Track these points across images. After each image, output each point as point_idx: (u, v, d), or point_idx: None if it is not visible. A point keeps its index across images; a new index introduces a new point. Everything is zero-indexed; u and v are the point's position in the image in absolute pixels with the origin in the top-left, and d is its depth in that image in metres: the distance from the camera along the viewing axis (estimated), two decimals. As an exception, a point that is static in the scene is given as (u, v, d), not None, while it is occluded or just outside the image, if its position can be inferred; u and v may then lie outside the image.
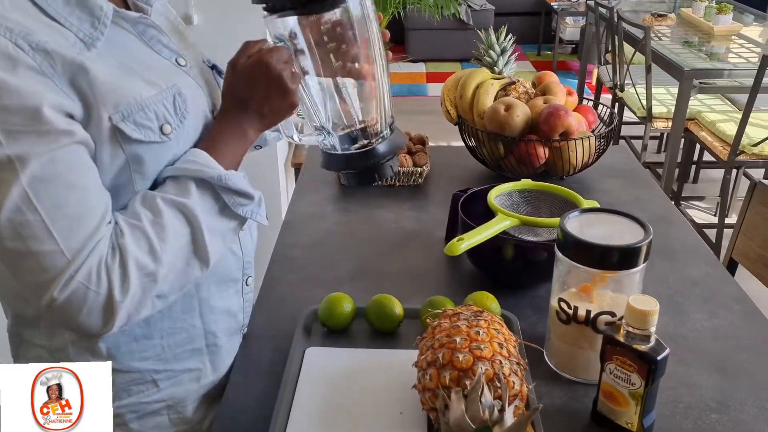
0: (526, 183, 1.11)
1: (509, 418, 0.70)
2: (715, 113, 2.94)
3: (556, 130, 1.26)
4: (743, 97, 2.67)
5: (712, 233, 2.79)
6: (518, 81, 1.41)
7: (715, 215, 3.14)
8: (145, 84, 0.77)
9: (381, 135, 0.89)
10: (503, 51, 1.47)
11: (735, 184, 2.97)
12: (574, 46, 5.64)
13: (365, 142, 0.89)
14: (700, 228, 2.88)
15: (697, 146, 3.19)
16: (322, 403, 0.82)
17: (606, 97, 3.80)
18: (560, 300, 0.84)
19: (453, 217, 1.16)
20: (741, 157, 2.66)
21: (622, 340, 0.74)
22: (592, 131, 1.39)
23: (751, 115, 2.69)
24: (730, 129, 2.68)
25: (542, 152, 1.29)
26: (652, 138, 3.69)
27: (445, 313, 0.81)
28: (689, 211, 3.14)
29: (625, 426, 0.77)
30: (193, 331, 0.88)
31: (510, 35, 1.49)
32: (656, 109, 3.04)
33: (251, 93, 0.81)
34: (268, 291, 1.06)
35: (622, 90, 3.31)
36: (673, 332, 0.95)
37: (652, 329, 0.73)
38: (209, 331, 0.90)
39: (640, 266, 0.80)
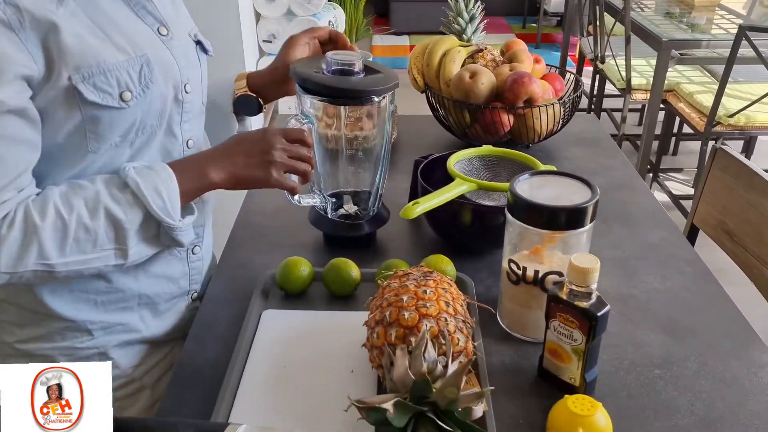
0: (486, 149, 1.11)
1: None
2: (694, 85, 2.95)
3: (520, 97, 1.27)
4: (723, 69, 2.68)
5: (688, 204, 2.81)
6: (486, 49, 1.41)
7: (693, 187, 3.17)
8: (114, 49, 0.78)
9: (369, 210, 1.06)
10: (472, 18, 1.47)
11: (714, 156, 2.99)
12: (559, 18, 5.60)
13: (354, 210, 1.07)
14: (677, 199, 2.90)
15: (678, 118, 3.20)
16: (276, 363, 0.83)
17: (589, 70, 3.80)
18: (510, 261, 0.86)
19: (415, 184, 1.16)
20: (717, 128, 2.67)
21: (564, 297, 0.76)
22: (560, 99, 1.39)
23: (730, 86, 2.69)
24: (708, 100, 2.69)
25: (506, 119, 1.30)
26: (633, 110, 3.70)
27: (396, 274, 0.83)
28: (667, 183, 3.16)
29: (569, 381, 0.79)
30: (127, 292, 0.91)
31: (478, 2, 1.48)
32: (636, 81, 3.05)
33: (239, 154, 0.86)
34: (228, 256, 1.06)
35: (603, 62, 3.31)
36: (625, 293, 0.97)
37: (593, 286, 0.75)
38: (143, 293, 0.93)
39: (587, 226, 0.82)
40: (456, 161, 1.08)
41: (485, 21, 1.49)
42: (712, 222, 1.27)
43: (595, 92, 3.58)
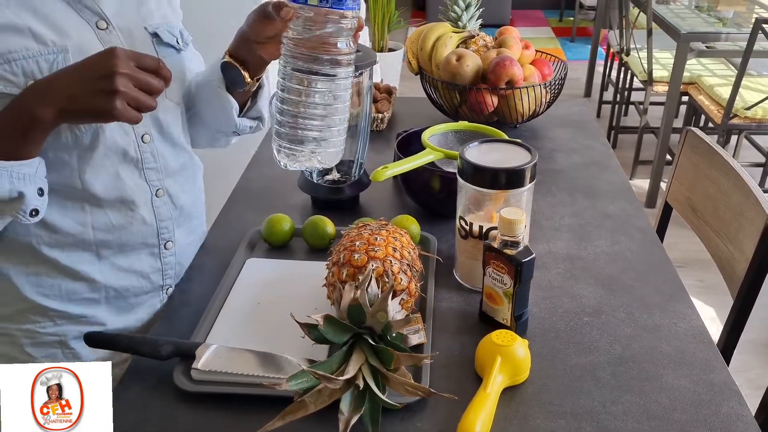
0: (460, 124, 1.22)
1: (394, 307, 0.83)
2: (716, 77, 2.96)
3: (501, 79, 1.37)
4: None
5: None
6: (478, 35, 1.51)
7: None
8: (31, 38, 0.79)
9: (352, 176, 1.18)
10: (468, 6, 1.56)
11: (736, 149, 3.00)
12: (596, 11, 5.59)
13: (338, 176, 1.19)
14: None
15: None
16: (252, 299, 0.96)
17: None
18: (460, 218, 0.96)
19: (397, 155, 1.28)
20: (734, 121, 2.69)
21: (496, 246, 0.86)
22: (544, 83, 1.48)
23: (753, 80, 2.69)
24: (728, 93, 2.71)
25: (490, 100, 1.40)
26: (660, 104, 3.71)
27: (357, 226, 0.95)
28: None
29: (502, 322, 0.89)
30: (94, 284, 0.94)
31: (473, -10, 1.57)
32: (659, 73, 3.08)
33: (73, 83, 0.74)
34: (226, 213, 1.20)
35: (627, 54, 3.35)
36: (575, 255, 1.06)
37: (521, 237, 0.85)
38: (111, 286, 0.95)
39: (526, 186, 0.92)
40: (431, 134, 1.18)
41: (481, 9, 1.59)
42: (681, 199, 1.34)
43: (620, 85, 3.60)
